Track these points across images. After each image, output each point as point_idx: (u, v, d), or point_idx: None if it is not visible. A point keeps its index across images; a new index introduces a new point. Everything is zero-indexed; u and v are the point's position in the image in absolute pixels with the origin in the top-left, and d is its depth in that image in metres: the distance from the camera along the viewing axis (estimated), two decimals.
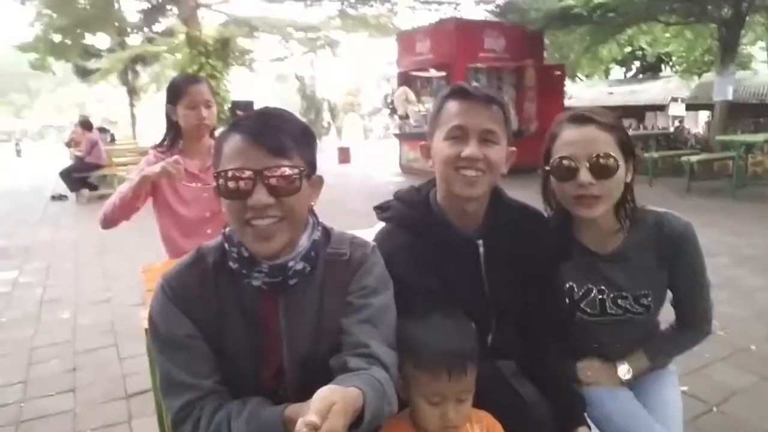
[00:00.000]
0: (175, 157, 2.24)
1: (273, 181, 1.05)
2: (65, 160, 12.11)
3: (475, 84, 1.40)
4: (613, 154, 1.35)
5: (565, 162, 1.37)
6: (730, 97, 10.66)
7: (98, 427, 2.68)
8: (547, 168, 1.42)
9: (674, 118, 15.92)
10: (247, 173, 1.04)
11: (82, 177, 10.29)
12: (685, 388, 2.76)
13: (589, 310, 1.51)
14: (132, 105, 19.59)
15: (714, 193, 8.78)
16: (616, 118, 1.43)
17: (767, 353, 3.24)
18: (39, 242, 6.96)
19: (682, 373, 2.88)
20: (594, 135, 1.36)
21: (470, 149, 1.28)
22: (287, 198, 1.07)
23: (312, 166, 1.13)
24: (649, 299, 1.47)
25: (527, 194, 1.51)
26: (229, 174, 1.05)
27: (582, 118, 1.38)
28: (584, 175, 1.34)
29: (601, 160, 1.34)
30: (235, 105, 12.09)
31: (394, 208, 1.45)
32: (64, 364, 3.38)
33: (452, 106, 1.33)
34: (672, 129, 13.76)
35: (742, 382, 2.91)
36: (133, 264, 5.33)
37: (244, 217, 1.06)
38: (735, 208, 7.75)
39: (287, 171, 1.06)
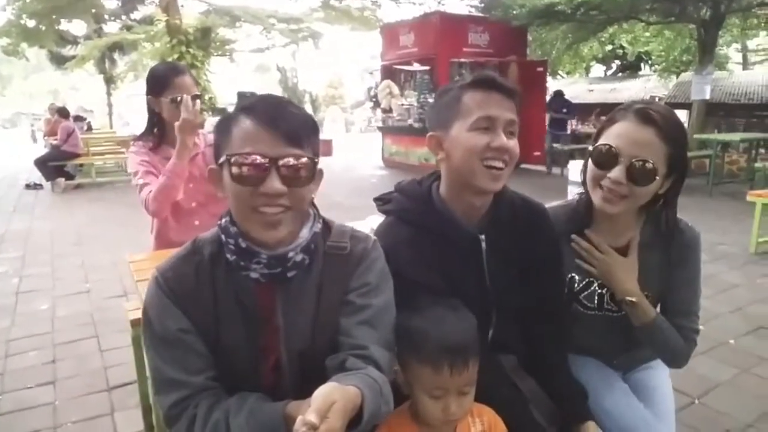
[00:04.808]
0: (183, 95, 2.14)
1: (287, 169, 1.02)
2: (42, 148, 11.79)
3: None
4: (656, 165, 1.29)
5: (606, 149, 1.34)
6: (707, 96, 10.83)
7: (80, 419, 2.62)
8: (591, 148, 1.40)
9: None
10: (263, 159, 1.01)
11: (58, 166, 10.03)
12: None
13: (587, 303, 1.52)
14: (109, 94, 19.18)
15: (690, 190, 8.93)
16: (680, 130, 1.36)
17: (746, 347, 3.32)
18: (13, 231, 6.77)
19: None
20: (648, 140, 1.30)
21: (500, 140, 1.25)
22: (299, 188, 1.05)
23: (318, 157, 1.11)
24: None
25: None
26: (242, 159, 1.02)
27: (647, 118, 1.30)
28: (618, 172, 1.31)
29: (640, 164, 1.29)
30: (241, 97, 11.93)
31: (395, 200, 1.42)
32: (42, 356, 3.29)
33: (478, 96, 1.28)
34: None
35: (723, 375, 2.97)
36: (112, 255, 5.25)
37: (253, 204, 1.03)
38: (711, 205, 7.91)
39: (303, 160, 1.04)
